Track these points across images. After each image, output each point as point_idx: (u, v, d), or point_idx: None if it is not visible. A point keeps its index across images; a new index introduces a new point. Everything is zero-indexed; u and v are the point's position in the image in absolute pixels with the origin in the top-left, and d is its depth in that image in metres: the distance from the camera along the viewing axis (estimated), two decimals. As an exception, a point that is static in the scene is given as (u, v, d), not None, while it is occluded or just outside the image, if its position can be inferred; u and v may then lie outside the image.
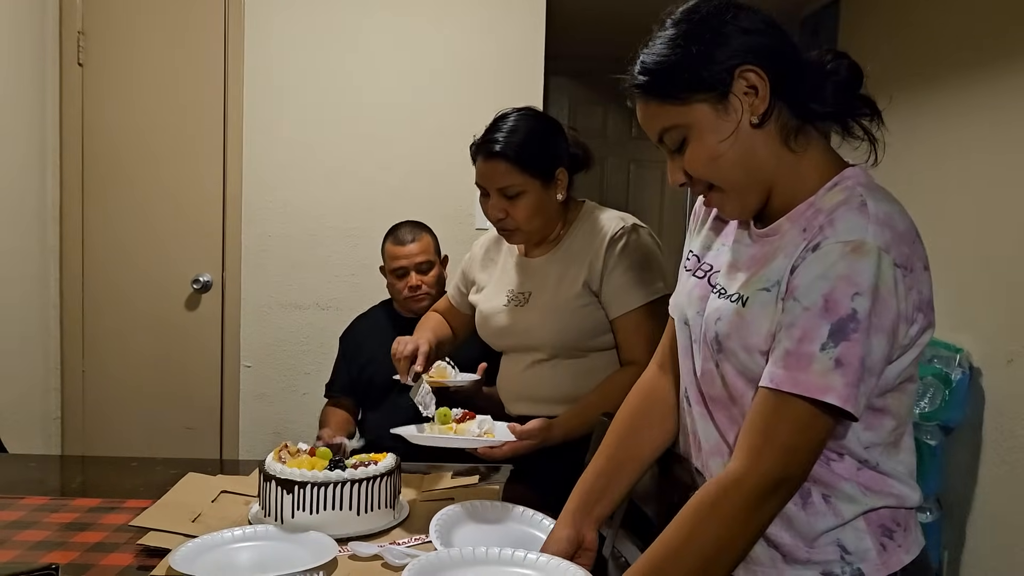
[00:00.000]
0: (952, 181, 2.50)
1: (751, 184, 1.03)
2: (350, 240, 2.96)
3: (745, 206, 1.06)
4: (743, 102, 0.99)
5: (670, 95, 1.01)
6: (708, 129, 1.00)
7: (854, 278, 0.90)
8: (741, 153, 1.00)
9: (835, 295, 0.91)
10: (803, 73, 1.02)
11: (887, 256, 0.92)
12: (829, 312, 0.91)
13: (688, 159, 1.03)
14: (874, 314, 0.91)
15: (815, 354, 0.91)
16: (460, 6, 2.93)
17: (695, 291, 1.14)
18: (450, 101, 2.94)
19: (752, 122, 0.99)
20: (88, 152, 2.91)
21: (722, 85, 0.99)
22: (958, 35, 2.52)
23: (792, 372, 0.92)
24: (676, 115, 1.01)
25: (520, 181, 1.67)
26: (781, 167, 1.02)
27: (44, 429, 2.90)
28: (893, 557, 1.01)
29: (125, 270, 2.95)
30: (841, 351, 0.90)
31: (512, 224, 1.71)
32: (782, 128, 1.01)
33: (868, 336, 0.90)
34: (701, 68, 0.99)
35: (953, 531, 2.41)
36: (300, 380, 2.98)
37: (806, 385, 0.91)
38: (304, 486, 1.35)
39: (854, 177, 1.01)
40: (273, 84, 2.92)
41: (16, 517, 1.45)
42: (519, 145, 1.67)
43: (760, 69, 0.98)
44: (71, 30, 2.87)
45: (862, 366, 0.91)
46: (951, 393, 2.31)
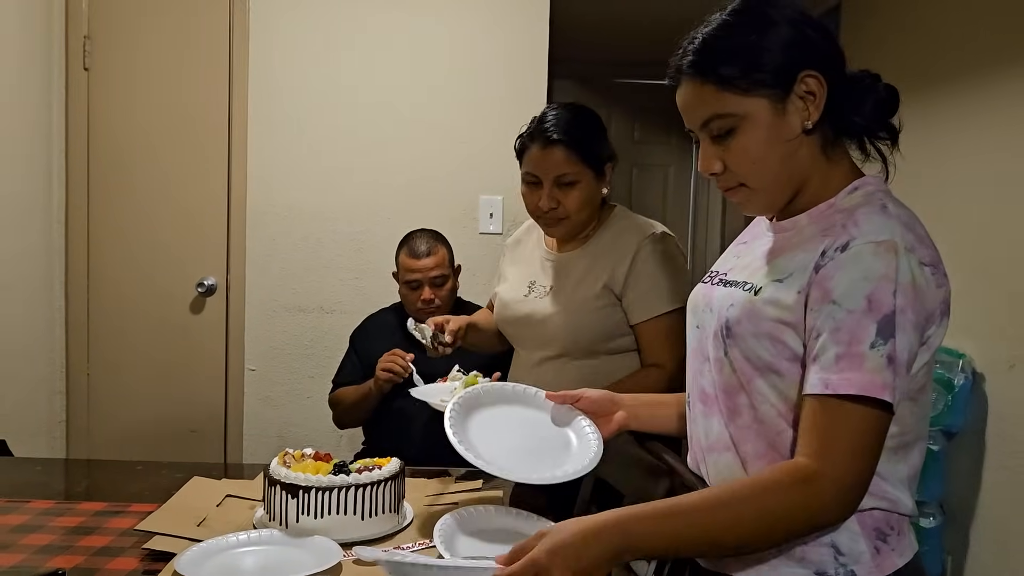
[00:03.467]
0: (954, 185, 2.51)
1: (784, 185, 1.04)
2: (355, 244, 2.97)
3: (772, 204, 1.08)
4: (800, 106, 1.00)
5: (732, 82, 1.00)
6: (763, 126, 1.00)
7: (891, 275, 0.92)
8: (786, 155, 1.02)
9: (877, 294, 0.92)
10: (850, 86, 1.03)
11: (914, 255, 0.94)
12: (873, 311, 0.92)
13: (733, 152, 1.02)
14: (911, 311, 0.92)
15: (866, 353, 0.92)
16: (464, 10, 2.94)
17: (703, 294, 1.17)
18: (454, 104, 2.95)
19: (805, 127, 1.01)
20: (94, 156, 2.93)
21: (785, 85, 0.99)
22: (959, 38, 2.53)
23: (846, 374, 0.92)
24: (733, 104, 1.00)
25: (577, 170, 1.71)
26: (816, 172, 1.04)
27: (49, 432, 2.91)
28: (887, 560, 1.01)
29: (130, 274, 2.96)
30: (890, 347, 0.91)
31: (563, 213, 1.73)
32: (823, 137, 1.03)
33: (906, 333, 0.92)
34: (768, 61, 0.99)
35: (956, 536, 2.41)
36: (304, 384, 2.99)
37: (861, 384, 0.91)
38: (309, 491, 1.35)
39: (873, 184, 1.05)
40: (278, 87, 2.93)
41: (22, 521, 1.46)
42: (578, 135, 1.71)
43: (821, 76, 1.00)
44: (77, 34, 2.89)
45: (902, 362, 0.92)
46: (953, 398, 2.31)
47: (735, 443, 1.07)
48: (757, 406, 1.04)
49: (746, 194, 1.06)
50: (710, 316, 1.11)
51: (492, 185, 2.95)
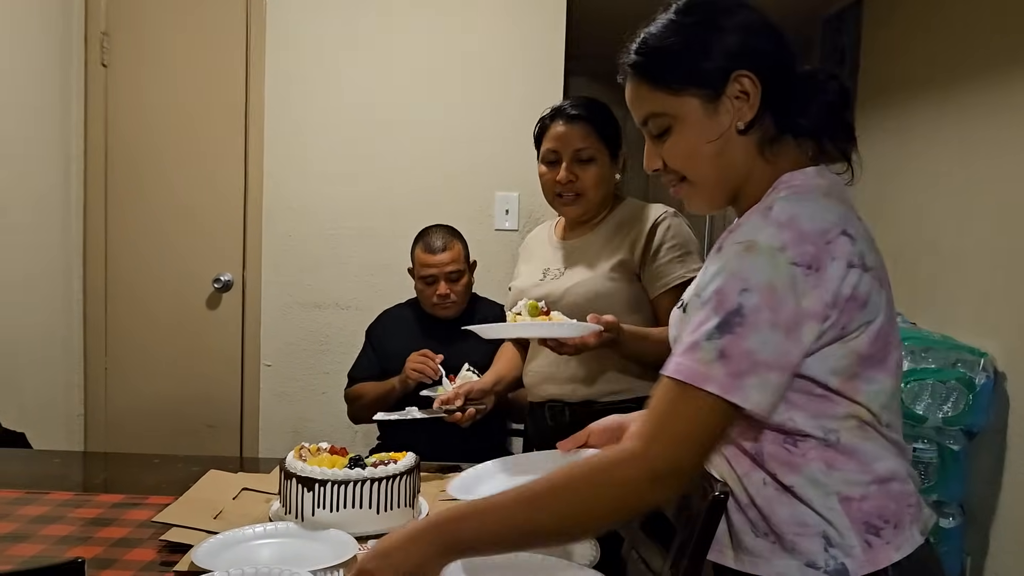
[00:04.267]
0: (977, 182, 2.48)
1: (721, 183, 1.06)
2: (369, 240, 2.97)
3: (711, 202, 1.09)
4: (733, 106, 1.01)
5: (663, 82, 1.02)
6: (694, 125, 1.02)
7: (743, 274, 0.92)
8: (719, 154, 1.03)
9: (724, 289, 0.93)
10: (794, 86, 1.03)
11: (781, 255, 0.92)
12: (719, 306, 0.93)
13: (668, 149, 1.05)
14: (767, 310, 0.91)
15: (701, 344, 0.93)
16: (480, 7, 2.94)
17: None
18: (471, 101, 2.95)
19: (738, 127, 1.02)
20: (112, 152, 2.95)
21: (716, 84, 1.01)
22: (982, 33, 2.50)
23: (680, 359, 0.94)
24: (665, 103, 1.03)
25: (596, 146, 1.79)
26: (752, 173, 1.05)
27: (67, 426, 2.93)
28: (880, 554, 1.00)
29: (147, 269, 2.98)
30: (725, 343, 0.91)
31: (580, 188, 1.80)
32: (761, 137, 1.04)
33: (758, 331, 0.91)
34: (699, 62, 1.01)
35: (976, 537, 2.39)
36: (319, 379, 3.00)
37: (688, 372, 0.92)
38: (324, 484, 1.36)
39: (787, 181, 1.03)
40: (294, 84, 2.94)
41: (41, 512, 1.47)
42: (598, 113, 1.82)
43: (755, 76, 1.00)
44: (95, 32, 2.91)
45: (750, 360, 0.91)
46: (975, 398, 2.28)
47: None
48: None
49: (687, 190, 1.08)
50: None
51: (508, 181, 2.94)
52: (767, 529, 1.03)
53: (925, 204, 2.74)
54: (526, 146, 1.94)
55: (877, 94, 3.17)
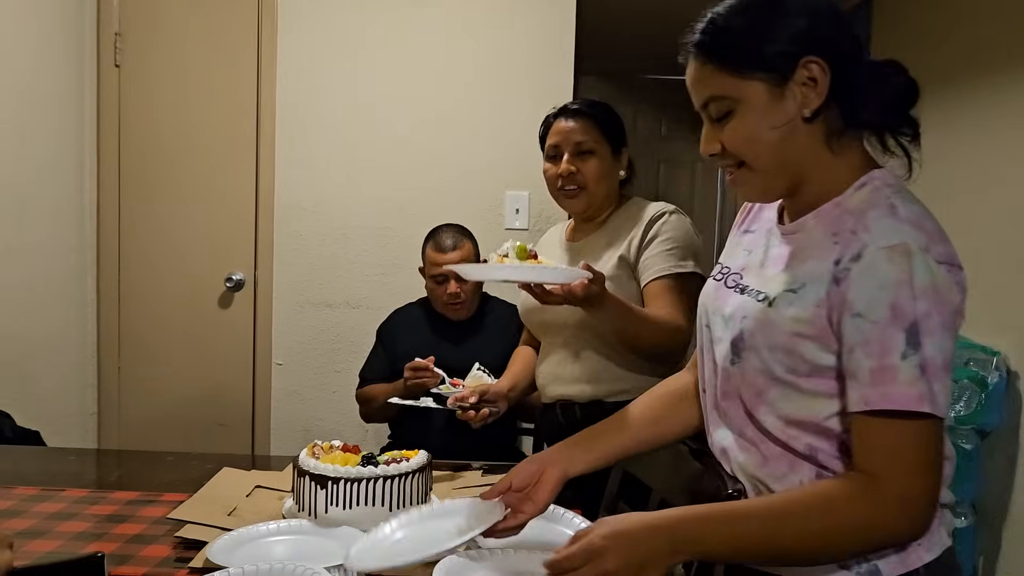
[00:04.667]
0: (989, 181, 2.47)
1: (781, 172, 1.02)
2: (380, 239, 2.99)
3: (768, 190, 1.06)
4: (799, 92, 0.98)
5: (729, 64, 0.99)
6: (758, 110, 0.99)
7: (907, 281, 0.90)
8: (782, 141, 1.00)
9: (898, 302, 0.90)
10: (863, 77, 1.00)
11: (928, 255, 0.91)
12: (898, 320, 0.90)
13: (728, 133, 1.01)
14: (936, 313, 0.90)
15: (898, 365, 0.90)
16: (491, 7, 2.94)
17: (715, 293, 1.15)
18: (480, 101, 2.96)
19: (804, 115, 0.99)
20: (124, 152, 2.97)
21: (784, 70, 0.98)
22: (992, 32, 2.48)
23: (881, 388, 0.91)
24: (729, 86, 1.00)
25: (596, 139, 1.82)
26: (817, 164, 1.01)
27: (81, 424, 2.95)
28: (912, 555, 0.99)
29: (160, 269, 3.00)
30: (921, 356, 0.89)
31: (581, 181, 1.82)
32: (828, 127, 1.00)
33: (933, 336, 0.90)
34: (767, 45, 0.98)
35: (988, 536, 2.38)
36: (331, 378, 3.01)
37: (899, 398, 0.90)
38: (337, 482, 1.36)
39: (881, 178, 1.01)
40: (305, 84, 2.95)
41: (57, 509, 1.48)
42: (599, 109, 1.86)
43: (825, 63, 0.97)
44: (108, 32, 2.93)
45: (935, 367, 0.90)
46: (987, 397, 2.27)
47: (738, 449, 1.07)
48: (760, 418, 1.03)
49: (744, 175, 1.04)
50: (722, 323, 1.10)
51: (518, 180, 2.95)
52: None
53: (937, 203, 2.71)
54: (536, 146, 1.94)
55: (888, 92, 3.15)
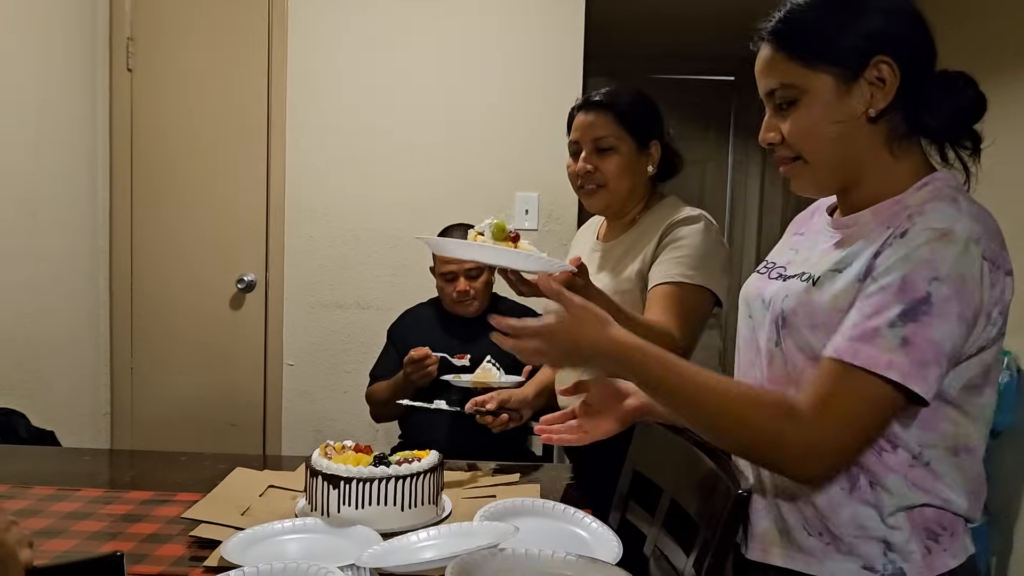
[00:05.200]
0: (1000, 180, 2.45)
1: (837, 169, 1.03)
2: (391, 240, 3.00)
3: (821, 185, 1.07)
4: (868, 90, 0.98)
5: (800, 53, 1.00)
6: (823, 102, 0.99)
7: (935, 263, 0.90)
8: (842, 138, 1.00)
9: (913, 276, 0.91)
10: (933, 84, 1.00)
11: (976, 247, 0.92)
12: (904, 292, 0.91)
13: (791, 124, 1.02)
14: (956, 301, 0.90)
15: (883, 329, 0.91)
16: (499, 8, 2.95)
17: (756, 284, 1.16)
18: (489, 102, 2.96)
19: (869, 114, 0.99)
20: (137, 155, 2.99)
21: (855, 66, 0.98)
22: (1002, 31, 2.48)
23: (856, 344, 0.92)
24: (797, 75, 1.00)
25: (616, 134, 1.70)
26: (875, 165, 1.02)
27: (94, 424, 2.98)
28: (938, 560, 1.00)
29: (172, 270, 3.02)
30: (910, 331, 0.90)
31: (600, 179, 1.71)
32: (891, 129, 1.01)
33: (943, 321, 0.90)
34: (841, 39, 0.98)
35: (1000, 537, 2.37)
36: (341, 378, 3.02)
37: (866, 357, 0.91)
38: (350, 481, 1.37)
39: (944, 179, 1.02)
40: (315, 87, 2.97)
41: (73, 508, 1.50)
42: (620, 101, 1.71)
43: (896, 65, 0.97)
44: (120, 36, 2.95)
45: (933, 350, 0.90)
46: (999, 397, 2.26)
47: None
48: None
49: (799, 168, 1.04)
50: (763, 308, 1.10)
51: (528, 181, 2.95)
52: (822, 528, 1.03)
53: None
54: (546, 146, 1.94)
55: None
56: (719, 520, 1.12)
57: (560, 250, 2.97)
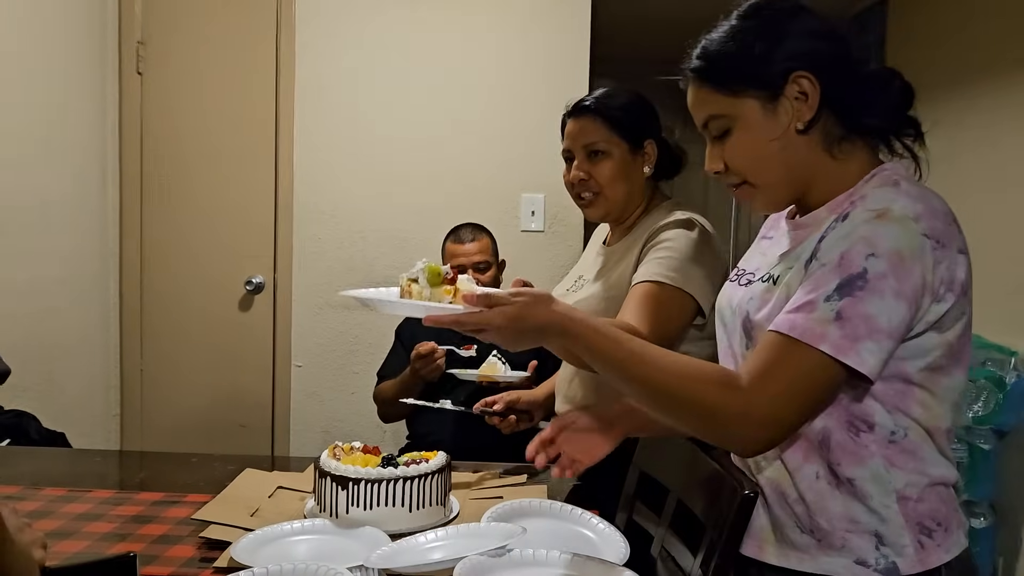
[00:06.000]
0: (1005, 180, 2.46)
1: (785, 183, 1.07)
2: (398, 242, 3.01)
3: (774, 201, 1.10)
4: (792, 106, 1.02)
5: (723, 84, 1.04)
6: (753, 125, 1.03)
7: (872, 239, 0.93)
8: (781, 154, 1.04)
9: (850, 253, 0.94)
10: (857, 86, 1.04)
11: (915, 224, 0.94)
12: (841, 268, 0.94)
13: (729, 150, 1.06)
14: (892, 277, 0.92)
15: (818, 303, 0.93)
16: (506, 10, 2.96)
17: (727, 293, 1.19)
18: (496, 104, 2.97)
19: (797, 127, 1.02)
20: (146, 158, 3.01)
21: (775, 86, 1.02)
22: (1009, 31, 2.47)
23: (792, 316, 0.95)
24: (725, 105, 1.05)
25: (606, 139, 1.65)
26: (820, 171, 1.06)
27: (104, 425, 3.00)
28: (931, 555, 1.01)
29: (181, 272, 3.04)
30: (844, 305, 0.92)
31: (595, 187, 1.66)
32: (826, 136, 1.04)
33: (880, 297, 0.92)
34: (758, 64, 1.02)
35: (1007, 537, 2.37)
36: (349, 379, 3.04)
37: (801, 330, 0.93)
38: (358, 483, 1.38)
39: (891, 169, 1.05)
40: (323, 90, 2.99)
41: (84, 509, 1.51)
42: (609, 105, 1.66)
43: (814, 77, 1.01)
44: (130, 40, 2.97)
45: (866, 324, 0.92)
46: (1005, 397, 2.27)
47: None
48: None
49: (749, 191, 1.09)
50: (732, 315, 1.13)
51: (534, 183, 2.96)
52: (813, 526, 1.04)
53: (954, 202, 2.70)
54: (551, 148, 1.93)
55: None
56: (725, 521, 1.13)
57: (567, 252, 2.98)
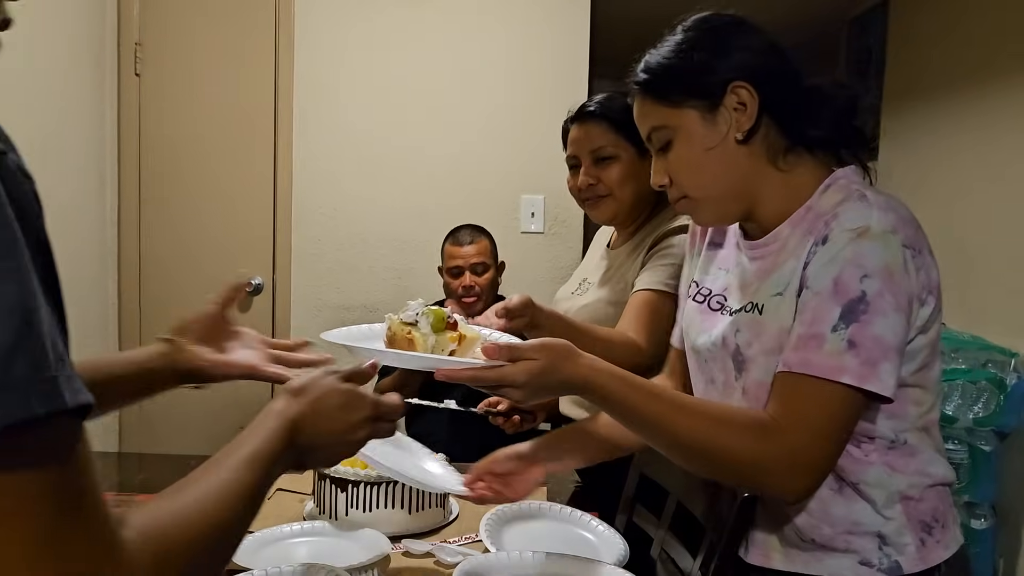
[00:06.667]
0: (1007, 181, 2.45)
1: (728, 195, 1.07)
2: (397, 243, 3.01)
3: (717, 214, 1.11)
4: (731, 116, 1.04)
5: (664, 96, 1.06)
6: (694, 135, 1.05)
7: (861, 261, 0.93)
8: (722, 165, 1.05)
9: (843, 278, 0.93)
10: (799, 98, 1.06)
11: (895, 237, 0.94)
12: (839, 295, 0.93)
13: (671, 161, 1.07)
14: (888, 293, 0.93)
15: (826, 335, 0.93)
16: (506, 11, 2.96)
17: (697, 316, 1.17)
18: (496, 105, 2.97)
19: (737, 137, 1.04)
20: (145, 159, 3.01)
21: (714, 96, 1.04)
22: (1010, 32, 2.47)
23: (803, 354, 0.94)
24: (666, 116, 1.06)
25: (614, 142, 1.63)
26: (765, 182, 1.06)
27: (104, 427, 2.99)
28: (932, 553, 1.03)
29: (180, 274, 3.04)
30: (852, 332, 0.92)
31: (603, 190, 1.64)
32: (769, 147, 1.05)
33: (884, 316, 0.92)
34: (698, 75, 1.04)
35: (1008, 538, 2.36)
36: (348, 381, 3.03)
37: (819, 366, 0.93)
38: (358, 485, 1.38)
39: (846, 176, 1.05)
40: (322, 91, 2.98)
41: (83, 511, 1.50)
42: (615, 108, 1.64)
43: (753, 88, 1.03)
44: (129, 41, 2.97)
45: (879, 346, 0.92)
46: (1006, 398, 2.26)
47: None
48: None
49: (691, 204, 1.10)
50: (714, 345, 1.11)
51: (533, 185, 2.96)
52: (817, 533, 1.04)
53: (954, 204, 2.72)
54: (551, 149, 1.93)
55: (904, 95, 3.14)
56: (725, 523, 1.13)
57: (566, 253, 2.98)
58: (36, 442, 0.46)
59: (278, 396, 0.82)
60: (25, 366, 0.44)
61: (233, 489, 0.65)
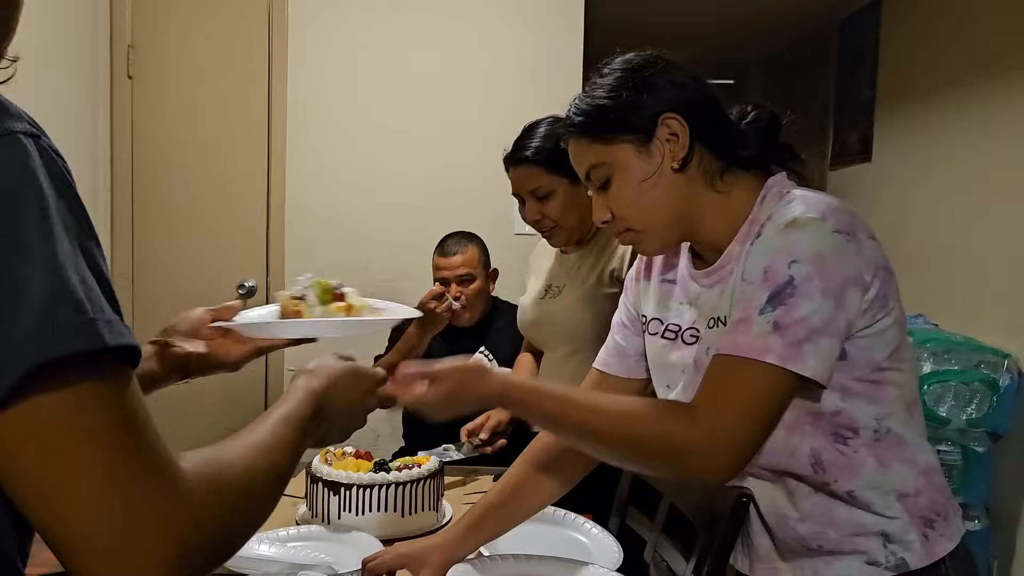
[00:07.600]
0: (999, 183, 2.46)
1: (669, 224, 1.10)
2: (390, 247, 3.00)
3: (662, 244, 1.13)
4: (665, 147, 1.06)
5: (598, 134, 1.09)
6: (631, 168, 1.07)
7: (791, 248, 0.96)
8: (662, 194, 1.07)
9: (773, 265, 0.96)
10: (724, 122, 1.10)
11: (824, 224, 0.96)
12: (768, 281, 0.96)
13: (612, 197, 1.10)
14: (817, 278, 0.94)
15: (753, 318, 0.95)
16: (500, 15, 2.96)
17: (671, 354, 1.16)
18: (489, 110, 2.97)
19: (673, 167, 1.06)
20: (138, 162, 3.00)
21: (646, 129, 1.06)
22: (1003, 33, 2.48)
23: (732, 336, 0.96)
24: (602, 153, 1.09)
25: (547, 182, 1.71)
26: (706, 205, 1.09)
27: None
28: (937, 546, 1.03)
29: (173, 276, 3.03)
30: (779, 314, 0.94)
31: (549, 223, 1.75)
32: (705, 172, 1.08)
33: (810, 299, 0.93)
34: (629, 112, 1.07)
35: (1002, 539, 2.37)
36: (342, 384, 3.02)
37: (745, 347, 0.94)
38: (350, 488, 1.38)
39: (777, 183, 1.08)
40: (315, 94, 2.98)
41: (74, 516, 1.49)
42: (542, 149, 1.72)
43: (681, 118, 1.05)
44: (121, 44, 2.96)
45: (804, 328, 0.93)
46: (999, 399, 2.27)
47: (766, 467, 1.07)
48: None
49: (635, 237, 1.12)
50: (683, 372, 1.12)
51: (527, 187, 2.96)
52: (821, 541, 1.05)
53: (946, 205, 2.72)
54: (546, 151, 1.94)
55: (896, 96, 3.15)
56: (718, 525, 1.13)
57: (560, 255, 2.98)
58: (82, 380, 0.50)
59: (297, 375, 0.89)
60: (66, 313, 0.49)
61: (274, 444, 0.70)
